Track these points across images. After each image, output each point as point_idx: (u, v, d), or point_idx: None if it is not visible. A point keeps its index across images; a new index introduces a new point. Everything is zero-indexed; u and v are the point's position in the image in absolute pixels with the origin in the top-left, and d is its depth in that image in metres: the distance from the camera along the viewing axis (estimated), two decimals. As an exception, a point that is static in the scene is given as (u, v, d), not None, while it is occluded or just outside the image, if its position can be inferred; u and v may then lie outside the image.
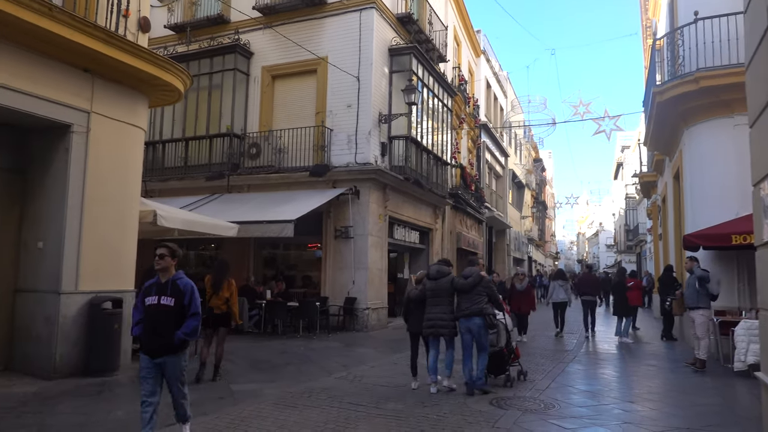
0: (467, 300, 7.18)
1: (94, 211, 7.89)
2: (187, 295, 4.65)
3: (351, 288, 13.86)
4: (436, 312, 7.25)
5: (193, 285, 4.76)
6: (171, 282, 4.70)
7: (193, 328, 4.63)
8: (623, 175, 45.22)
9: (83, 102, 7.85)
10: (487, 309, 7.20)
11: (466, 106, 23.07)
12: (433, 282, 7.34)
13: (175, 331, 4.57)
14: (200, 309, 4.70)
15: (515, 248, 35.38)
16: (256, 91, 15.50)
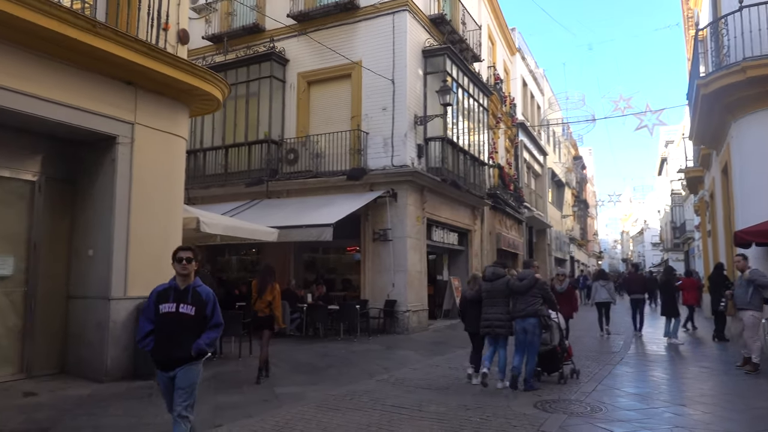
0: (523, 301, 7.49)
1: (139, 219, 8.14)
2: (210, 305, 4.31)
3: (390, 290, 13.89)
4: (493, 312, 7.64)
5: (214, 293, 4.47)
6: (192, 289, 4.35)
7: (212, 340, 4.32)
8: (668, 170, 43.97)
9: (127, 114, 8.12)
10: (542, 310, 7.49)
11: (503, 105, 22.85)
12: (489, 284, 7.73)
13: (193, 342, 4.22)
14: (222, 320, 4.39)
15: (556, 248, 34.82)
16: (293, 97, 15.72)
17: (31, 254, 7.83)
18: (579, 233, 44.88)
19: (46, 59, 7.05)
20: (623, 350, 11.41)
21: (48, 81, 7.09)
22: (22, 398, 6.67)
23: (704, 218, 20.61)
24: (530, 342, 7.46)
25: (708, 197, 18.22)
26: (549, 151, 33.11)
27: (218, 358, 9.95)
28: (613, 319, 14.61)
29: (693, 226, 30.92)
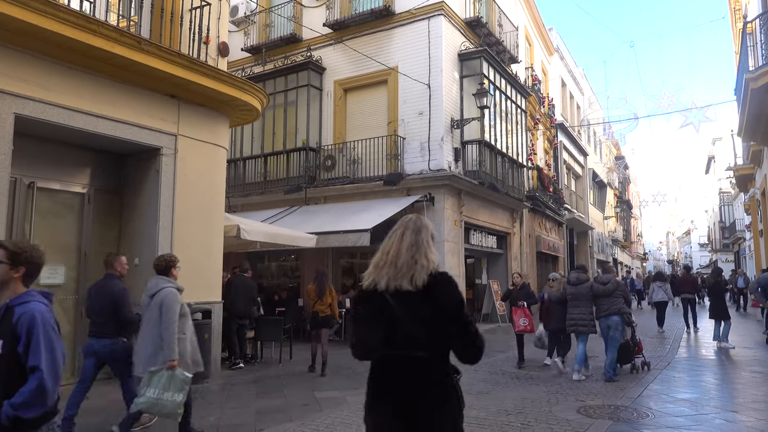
0: (606, 302, 8.53)
1: (183, 227, 8.36)
2: (24, 336, 2.52)
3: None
4: (577, 313, 8.74)
5: (38, 317, 2.56)
6: (4, 311, 2.61)
7: (30, 397, 2.47)
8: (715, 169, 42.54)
9: (170, 126, 8.37)
10: (624, 308, 8.54)
11: (541, 106, 22.55)
12: (574, 287, 8.88)
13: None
14: (56, 358, 2.56)
15: (599, 250, 34.06)
16: (329, 104, 15.88)
17: (81, 263, 8.14)
18: (622, 235, 43.79)
19: (93, 75, 7.34)
20: (671, 354, 11.07)
21: (96, 97, 7.39)
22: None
23: (756, 217, 19.84)
24: (612, 337, 8.46)
25: (760, 195, 17.53)
26: (590, 152, 32.45)
27: (259, 363, 10.13)
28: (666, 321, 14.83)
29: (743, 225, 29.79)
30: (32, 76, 6.77)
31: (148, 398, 4.77)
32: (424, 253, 2.47)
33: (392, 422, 2.35)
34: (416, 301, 2.38)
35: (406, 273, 2.42)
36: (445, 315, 2.36)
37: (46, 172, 7.82)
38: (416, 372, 2.36)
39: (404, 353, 2.37)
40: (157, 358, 4.96)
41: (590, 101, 33.35)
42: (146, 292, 5.30)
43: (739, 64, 12.73)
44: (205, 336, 8.17)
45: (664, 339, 13.48)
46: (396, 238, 2.56)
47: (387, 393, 2.41)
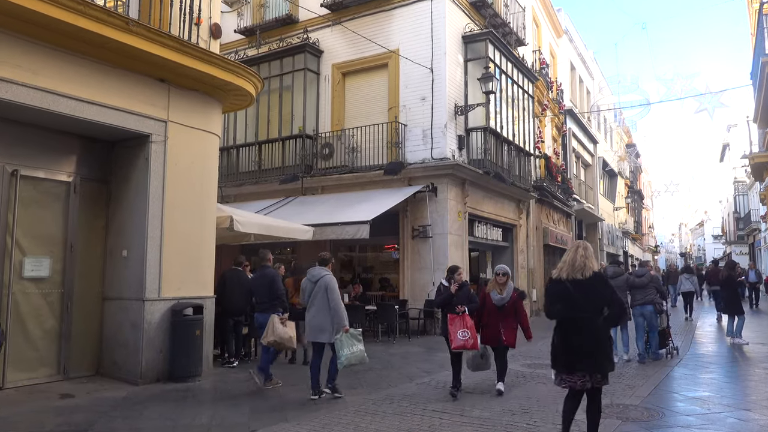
0: (641, 293, 9.98)
1: (173, 218, 8.35)
2: None
3: (431, 290, 13.83)
4: None
5: None
6: None
7: None
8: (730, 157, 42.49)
9: (160, 111, 8.32)
10: (657, 299, 10.09)
11: (549, 91, 22.47)
12: (611, 280, 9.64)
13: None
14: None
15: (609, 242, 34.06)
16: (327, 89, 15.82)
17: (67, 255, 8.14)
18: (633, 226, 43.76)
19: (78, 58, 7.30)
20: (681, 350, 11.10)
21: (81, 80, 7.35)
22: (59, 400, 6.95)
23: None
24: (650, 324, 9.94)
25: (776, 186, 17.51)
26: (600, 139, 32.36)
27: (253, 360, 10.14)
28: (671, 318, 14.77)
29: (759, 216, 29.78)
30: (15, 59, 6.72)
31: (346, 356, 6.76)
32: (589, 260, 4.92)
33: (575, 350, 4.82)
34: (584, 285, 4.83)
35: (579, 269, 4.87)
36: (600, 293, 4.84)
37: (30, 160, 7.80)
38: (584, 325, 4.81)
39: (577, 314, 4.83)
40: (327, 326, 6.96)
41: (600, 86, 33.24)
42: (309, 278, 7.26)
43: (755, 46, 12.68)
44: (196, 332, 8.18)
45: (686, 330, 13.55)
46: (572, 251, 5.01)
47: (568, 336, 4.87)
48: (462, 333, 7.18)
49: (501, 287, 7.39)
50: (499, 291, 7.38)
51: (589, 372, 4.78)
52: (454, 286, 7.40)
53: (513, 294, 7.42)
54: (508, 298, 7.37)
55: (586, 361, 4.77)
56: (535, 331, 9.99)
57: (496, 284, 7.45)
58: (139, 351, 7.89)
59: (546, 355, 10.51)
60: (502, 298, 7.36)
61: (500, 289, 7.39)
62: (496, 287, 7.42)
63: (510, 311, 7.39)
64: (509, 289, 7.42)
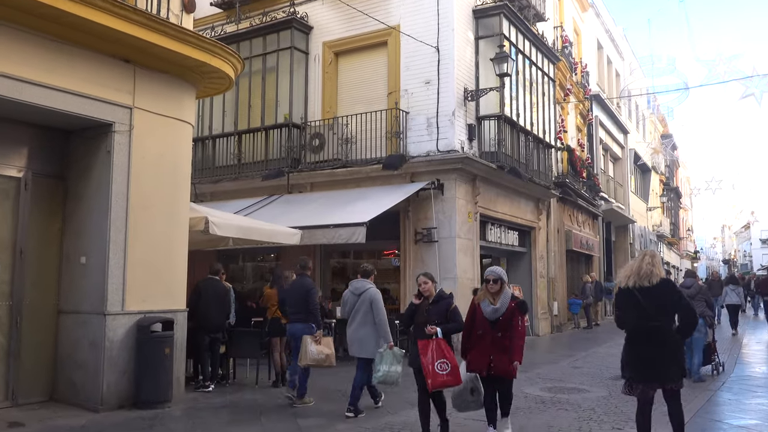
0: None
1: (139, 219, 8.32)
2: None
3: (437, 302, 13.85)
4: None
5: None
6: None
7: None
8: (782, 150, 42.55)
9: (125, 97, 8.30)
10: (706, 312, 10.34)
11: (573, 73, 22.48)
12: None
13: None
14: None
15: (641, 248, 34.02)
16: (317, 71, 15.80)
17: (17, 262, 8.10)
18: (669, 229, 43.85)
19: (27, 34, 7.26)
20: (726, 372, 11.11)
21: (30, 60, 7.31)
22: (7, 429, 6.92)
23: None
24: (695, 338, 9.70)
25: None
26: (631, 129, 32.40)
27: (231, 384, 10.12)
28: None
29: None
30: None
31: (384, 372, 7.25)
32: (656, 267, 5.57)
33: (645, 359, 5.48)
34: (652, 292, 5.47)
35: (645, 277, 5.51)
36: (669, 300, 5.52)
37: (-26, 153, 7.76)
38: (653, 333, 5.46)
39: (646, 323, 5.48)
40: (371, 340, 7.67)
41: (632, 68, 33.27)
42: (353, 291, 7.93)
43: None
44: (165, 351, 8.15)
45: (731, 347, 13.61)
46: (639, 259, 5.68)
47: (639, 345, 5.53)
48: (440, 365, 6.18)
49: (494, 296, 6.41)
50: (492, 300, 6.40)
51: (661, 381, 5.47)
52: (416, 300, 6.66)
53: (510, 305, 6.38)
54: (504, 309, 6.34)
55: (657, 370, 5.42)
56: (556, 349, 9.97)
57: (487, 292, 6.49)
58: (100, 373, 7.85)
59: (569, 377, 10.49)
60: (496, 309, 6.34)
61: (493, 299, 6.41)
62: (488, 296, 6.45)
63: (506, 327, 6.37)
64: (505, 298, 6.40)
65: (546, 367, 11.88)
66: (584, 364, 12.49)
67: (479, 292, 6.75)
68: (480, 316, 6.43)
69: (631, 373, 5.55)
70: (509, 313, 6.35)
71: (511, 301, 6.41)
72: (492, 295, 6.42)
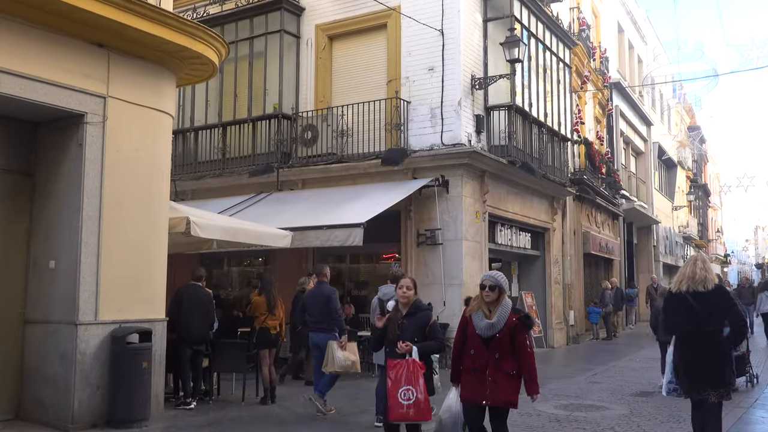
0: None
1: (114, 220, 8.30)
2: None
3: (441, 311, 13.81)
4: None
5: None
6: None
7: None
8: (821, 143, 42.55)
9: (98, 85, 8.28)
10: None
11: (591, 59, 22.48)
12: None
13: None
14: None
15: (666, 251, 34.12)
16: (309, 57, 15.80)
17: (-21, 267, 8.09)
18: (697, 230, 43.87)
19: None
20: (760, 387, 11.13)
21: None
22: (-31, 451, 6.91)
23: None
24: None
25: None
26: (655, 121, 32.43)
27: (215, 401, 10.11)
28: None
29: None
30: None
31: None
32: (710, 273, 6.05)
33: (695, 364, 5.95)
34: (707, 298, 5.92)
35: (700, 282, 5.95)
36: (722, 306, 5.98)
37: (-69, 147, 7.76)
38: (707, 339, 5.90)
39: (698, 328, 5.95)
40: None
41: (656, 53, 33.27)
42: (381, 298, 8.04)
43: None
44: (142, 365, 8.14)
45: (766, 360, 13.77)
46: (690, 264, 6.18)
47: (689, 350, 6.00)
48: (405, 392, 5.62)
49: (490, 307, 5.58)
50: (487, 313, 5.56)
51: (710, 387, 5.83)
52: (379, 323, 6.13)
53: (510, 318, 5.53)
54: (502, 324, 5.48)
55: (707, 376, 5.86)
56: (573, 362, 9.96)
57: (482, 302, 5.63)
58: (71, 388, 7.83)
59: (587, 394, 10.51)
60: (491, 325, 5.49)
61: (488, 310, 5.57)
62: (483, 307, 5.61)
63: (505, 347, 5.47)
64: (504, 310, 5.54)
65: (561, 382, 11.87)
66: (603, 378, 12.49)
67: (472, 301, 5.85)
68: (472, 332, 5.58)
69: (680, 378, 6.04)
70: (508, 330, 5.46)
71: (511, 314, 5.54)
72: (487, 305, 5.57)
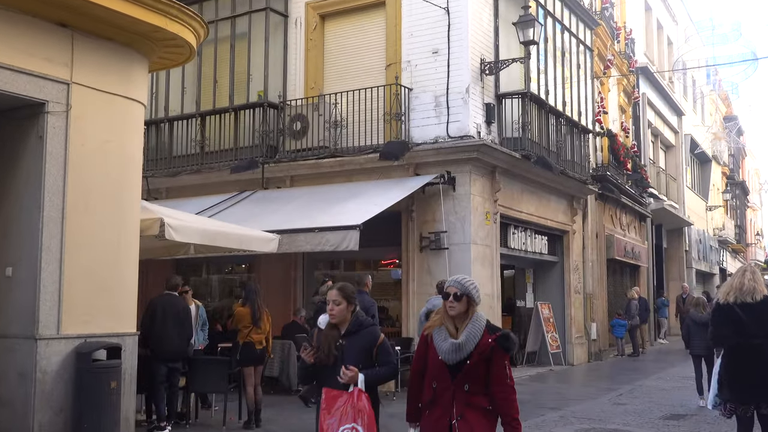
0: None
1: (79, 221, 8.27)
2: None
3: (447, 324, 13.84)
4: None
5: None
6: None
7: None
8: None
9: (60, 69, 8.25)
10: None
11: (615, 41, 22.50)
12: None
13: None
14: None
15: (699, 256, 34.11)
16: (299, 38, 15.77)
17: (-73, 275, 8.07)
18: (734, 233, 43.89)
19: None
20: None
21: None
22: None
23: None
24: None
25: None
26: (687, 110, 32.45)
27: (192, 425, 10.09)
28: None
29: None
30: None
31: None
32: (759, 284, 6.54)
33: (743, 377, 6.48)
34: (755, 309, 6.48)
35: (748, 293, 6.50)
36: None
37: None
38: (754, 351, 6.45)
39: (747, 340, 6.49)
40: None
41: (687, 34, 33.30)
42: (431, 308, 8.52)
43: None
44: (111, 385, 8.12)
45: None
46: (739, 275, 6.79)
47: (737, 363, 6.57)
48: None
49: (456, 322, 4.56)
50: (452, 331, 4.54)
51: (759, 401, 6.36)
52: (310, 358, 5.14)
53: (484, 339, 4.47)
54: (473, 346, 4.45)
55: (756, 389, 6.35)
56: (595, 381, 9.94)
57: (445, 316, 4.62)
58: (30, 411, 7.80)
59: (611, 417, 10.53)
60: (458, 346, 4.45)
61: (454, 327, 4.55)
62: (446, 322, 4.60)
63: (477, 377, 4.47)
64: (475, 326, 4.51)
65: (582, 404, 11.87)
66: (629, 400, 12.49)
67: (433, 315, 4.81)
68: (433, 356, 4.55)
69: (728, 392, 6.57)
70: (481, 354, 4.42)
71: (486, 332, 4.49)
72: (452, 320, 4.56)
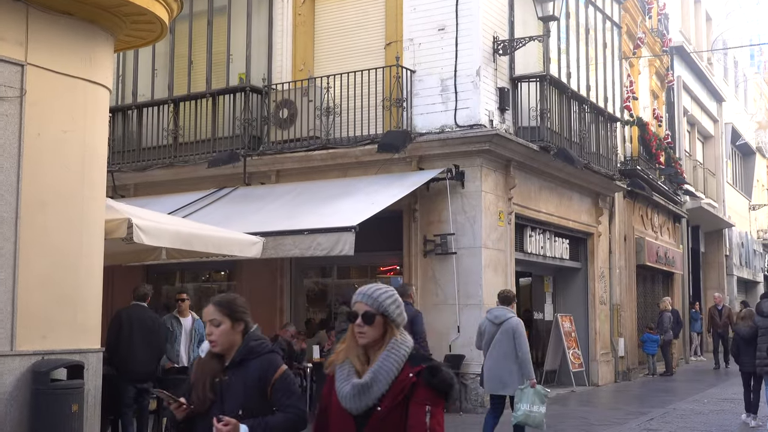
0: None
1: (35, 222, 8.29)
2: None
3: (455, 338, 13.83)
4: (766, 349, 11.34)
5: None
6: None
7: None
8: None
9: (13, 49, 8.25)
10: None
11: (646, 17, 22.51)
12: (764, 319, 11.34)
13: None
14: None
15: (741, 262, 34.10)
16: (286, 14, 15.77)
17: None
18: (782, 236, 43.92)
19: None
20: None
21: None
22: None
23: None
24: None
25: None
26: (728, 96, 32.43)
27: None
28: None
29: None
30: None
31: (523, 411, 9.28)
32: None
33: None
34: None
35: None
36: None
37: None
38: None
39: None
40: (514, 377, 9.60)
41: (729, 9, 33.31)
42: (491, 320, 9.85)
43: None
44: (72, 408, 8.14)
45: None
46: None
47: None
48: None
49: (366, 353, 3.60)
50: (359, 367, 3.58)
51: None
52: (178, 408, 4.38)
53: (404, 375, 3.49)
54: (385, 387, 3.47)
55: None
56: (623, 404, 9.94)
57: (352, 345, 3.64)
58: (-20, 439, 7.85)
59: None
60: (361, 387, 3.50)
61: (361, 361, 3.59)
62: (353, 355, 3.64)
63: (393, 429, 3.49)
64: (391, 357, 3.53)
65: (608, 429, 11.89)
66: (662, 425, 12.51)
67: (338, 346, 3.83)
68: (336, 404, 3.63)
69: None
70: (396, 398, 3.48)
71: (406, 366, 3.52)
72: (364, 351, 3.62)
